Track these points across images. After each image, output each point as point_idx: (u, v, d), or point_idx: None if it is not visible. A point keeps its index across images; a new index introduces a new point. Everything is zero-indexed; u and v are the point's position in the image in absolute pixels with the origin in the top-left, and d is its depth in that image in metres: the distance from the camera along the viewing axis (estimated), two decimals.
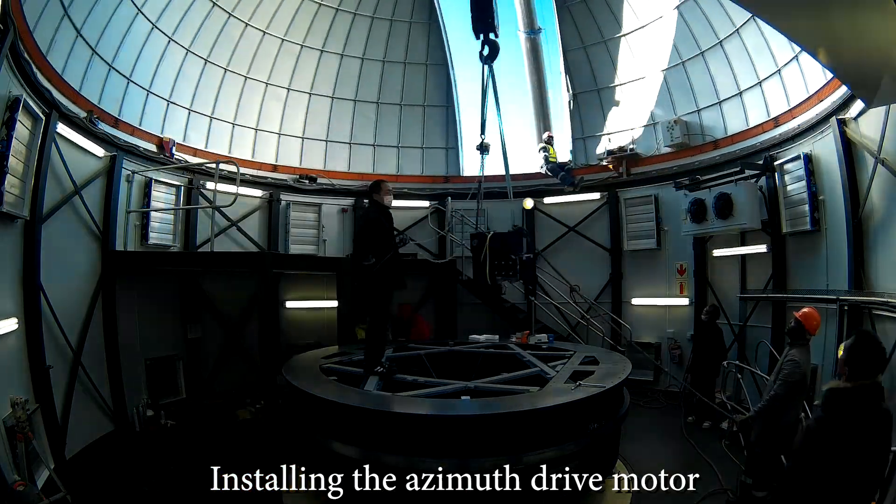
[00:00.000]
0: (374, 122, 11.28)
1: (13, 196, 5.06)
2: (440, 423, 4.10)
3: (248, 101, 10.02)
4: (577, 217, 10.56)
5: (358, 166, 11.21)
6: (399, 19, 10.70)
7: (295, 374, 5.36)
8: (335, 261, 7.79)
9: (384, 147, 11.47)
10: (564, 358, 6.14)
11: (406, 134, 11.51)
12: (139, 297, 7.73)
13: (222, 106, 9.67)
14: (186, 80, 8.97)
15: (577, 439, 4.34)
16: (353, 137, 11.22)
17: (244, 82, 9.89)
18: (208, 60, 9.19)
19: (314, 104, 10.77)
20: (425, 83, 11.35)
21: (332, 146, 11.11)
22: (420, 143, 11.58)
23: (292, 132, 10.71)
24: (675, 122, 9.26)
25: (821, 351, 6.21)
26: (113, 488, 5.27)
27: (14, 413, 4.49)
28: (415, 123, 11.51)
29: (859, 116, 5.79)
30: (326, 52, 10.50)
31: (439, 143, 11.64)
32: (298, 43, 10.19)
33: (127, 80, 7.89)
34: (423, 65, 11.20)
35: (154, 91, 8.48)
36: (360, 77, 10.94)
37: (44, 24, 5.92)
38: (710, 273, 8.99)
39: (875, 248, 5.64)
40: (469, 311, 10.00)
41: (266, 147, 10.41)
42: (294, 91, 10.51)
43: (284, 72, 10.27)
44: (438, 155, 11.67)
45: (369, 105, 11.18)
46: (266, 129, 10.39)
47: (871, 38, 3.44)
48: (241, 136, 10.08)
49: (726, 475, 5.13)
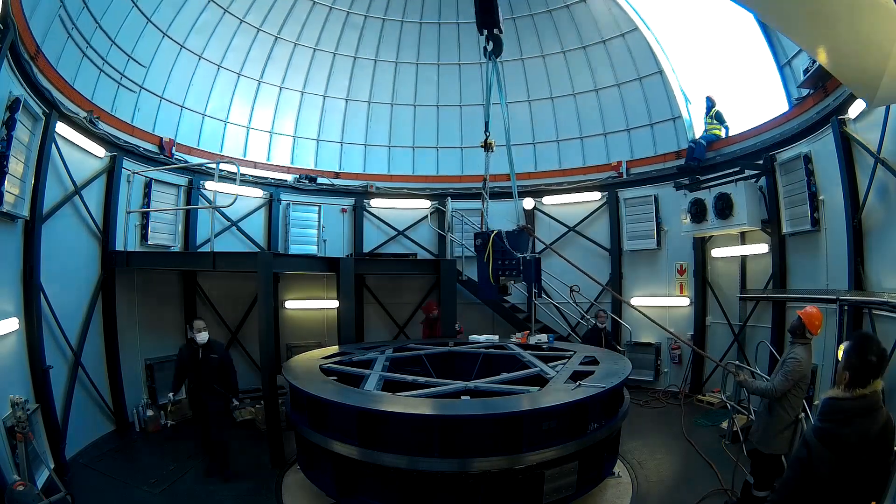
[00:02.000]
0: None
1: (13, 196, 5.06)
2: (440, 423, 4.10)
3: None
4: (577, 217, 10.57)
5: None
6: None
7: (295, 374, 5.37)
8: (335, 261, 7.77)
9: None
10: (564, 358, 6.15)
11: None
12: (139, 298, 7.74)
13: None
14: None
15: (577, 439, 4.35)
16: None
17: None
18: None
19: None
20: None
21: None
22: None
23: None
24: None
25: (821, 351, 6.22)
26: (113, 488, 5.27)
27: (14, 413, 4.49)
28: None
29: (859, 116, 5.78)
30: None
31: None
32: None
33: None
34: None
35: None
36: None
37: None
38: (709, 273, 8.99)
39: (875, 247, 5.64)
40: (469, 310, 10.02)
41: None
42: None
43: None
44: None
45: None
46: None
47: (871, 38, 3.44)
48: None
49: (726, 475, 5.13)
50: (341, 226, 10.77)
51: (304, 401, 4.86)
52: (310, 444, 4.76)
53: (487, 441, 4.09)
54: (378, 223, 10.97)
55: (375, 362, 5.91)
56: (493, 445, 4.07)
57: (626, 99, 10.24)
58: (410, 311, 10.58)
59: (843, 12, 3.36)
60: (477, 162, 11.33)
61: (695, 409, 8.01)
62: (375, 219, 10.96)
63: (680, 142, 9.56)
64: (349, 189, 10.87)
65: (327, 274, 8.60)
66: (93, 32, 6.98)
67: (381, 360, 6.03)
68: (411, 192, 11.14)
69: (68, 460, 5.72)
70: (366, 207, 10.88)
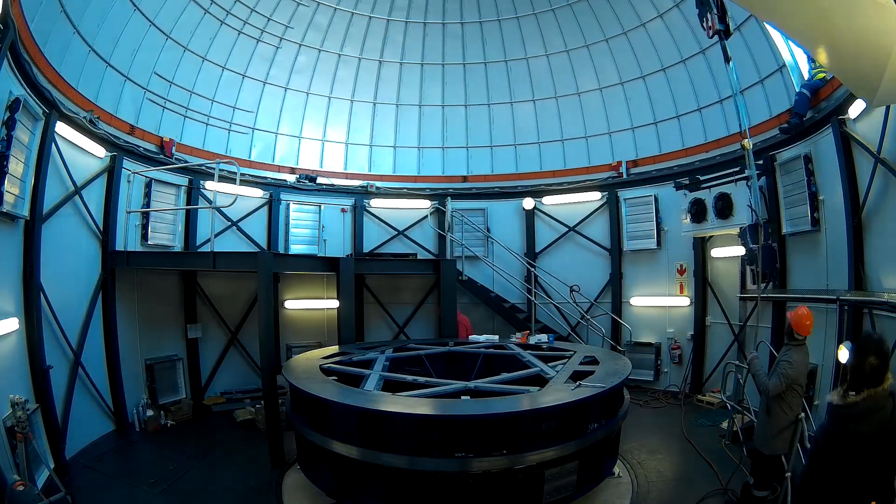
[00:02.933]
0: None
1: (13, 196, 5.07)
2: (441, 423, 4.10)
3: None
4: (577, 217, 10.57)
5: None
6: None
7: (295, 374, 5.37)
8: (335, 260, 7.78)
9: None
10: (564, 358, 6.15)
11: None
12: (139, 297, 7.74)
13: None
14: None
15: (577, 439, 4.35)
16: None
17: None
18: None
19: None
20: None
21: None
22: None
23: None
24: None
25: (821, 351, 6.22)
26: (113, 488, 5.27)
27: (14, 413, 4.49)
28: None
29: (859, 116, 5.78)
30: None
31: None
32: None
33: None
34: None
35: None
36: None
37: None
38: (709, 273, 8.99)
39: (875, 247, 5.64)
40: (469, 310, 10.02)
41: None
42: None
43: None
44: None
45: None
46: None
47: (871, 38, 3.44)
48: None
49: (726, 475, 5.13)
50: (341, 226, 10.77)
51: (304, 401, 4.86)
52: (310, 444, 4.76)
53: (487, 441, 4.09)
54: (378, 223, 10.98)
55: (375, 362, 5.91)
56: (493, 445, 4.07)
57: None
58: (410, 311, 10.58)
59: (843, 12, 3.36)
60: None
61: (695, 409, 8.02)
62: (375, 219, 10.97)
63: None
64: (349, 189, 10.88)
65: (327, 274, 8.61)
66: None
67: (381, 360, 6.03)
68: (411, 191, 11.14)
69: (68, 460, 5.72)
70: (366, 207, 10.88)
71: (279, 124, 10.49)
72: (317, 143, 10.92)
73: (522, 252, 10.75)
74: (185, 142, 9.06)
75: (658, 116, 9.89)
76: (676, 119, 9.64)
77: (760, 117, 8.01)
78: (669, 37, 9.20)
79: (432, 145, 11.48)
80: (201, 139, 9.39)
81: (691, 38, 8.87)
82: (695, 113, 9.31)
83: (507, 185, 11.19)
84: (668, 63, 9.42)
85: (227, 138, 9.82)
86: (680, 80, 9.38)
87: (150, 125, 8.39)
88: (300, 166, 10.73)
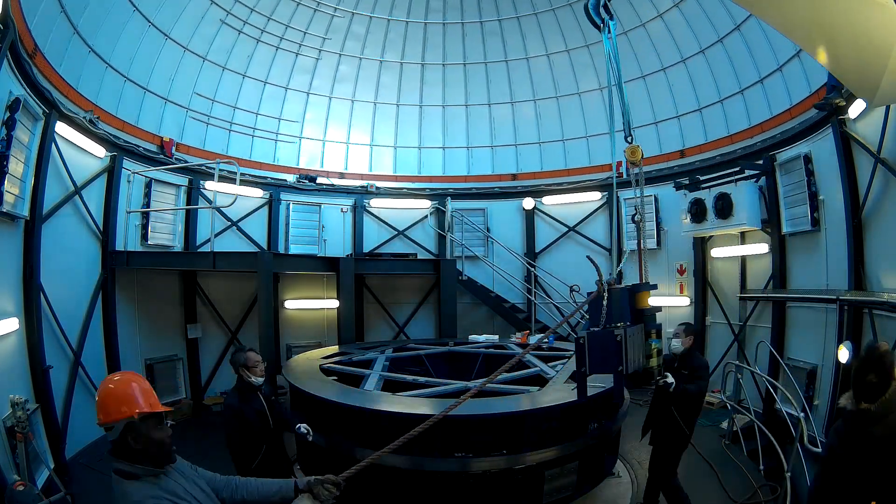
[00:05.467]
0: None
1: (13, 196, 5.06)
2: (441, 423, 4.10)
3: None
4: (577, 217, 10.57)
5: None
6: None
7: (295, 374, 5.37)
8: (335, 260, 7.78)
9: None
10: (564, 358, 6.15)
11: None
12: (139, 297, 7.74)
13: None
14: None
15: (577, 439, 4.35)
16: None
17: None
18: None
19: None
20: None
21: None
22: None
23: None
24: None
25: (821, 351, 6.23)
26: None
27: (14, 413, 4.49)
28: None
29: (859, 116, 5.78)
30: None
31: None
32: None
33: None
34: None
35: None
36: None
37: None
38: (710, 273, 8.99)
39: (875, 247, 5.64)
40: (469, 310, 10.02)
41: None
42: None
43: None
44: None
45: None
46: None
47: (870, 38, 3.44)
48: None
49: (726, 475, 5.13)
50: (341, 226, 10.77)
51: (304, 401, 4.86)
52: (310, 443, 4.75)
53: (487, 441, 4.09)
54: (378, 223, 10.98)
55: (375, 362, 5.92)
56: (493, 445, 4.07)
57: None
58: (410, 311, 10.58)
59: (842, 12, 3.36)
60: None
61: None
62: (376, 218, 10.97)
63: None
64: (349, 189, 10.88)
65: (327, 274, 8.62)
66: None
67: (381, 359, 6.03)
68: (411, 191, 11.14)
69: (68, 460, 5.71)
70: (366, 207, 10.88)
71: (279, 124, 10.48)
72: (317, 143, 10.92)
73: (522, 252, 10.75)
74: (186, 142, 9.06)
75: (658, 116, 9.87)
76: (677, 119, 9.62)
77: (761, 117, 8.02)
78: (669, 36, 9.19)
79: (433, 145, 11.48)
80: (201, 139, 9.39)
81: (691, 37, 8.87)
82: (695, 113, 9.30)
83: (507, 185, 11.19)
84: (668, 63, 9.40)
85: (226, 138, 9.81)
86: (680, 79, 9.37)
87: (150, 125, 8.40)
88: (300, 166, 10.72)
